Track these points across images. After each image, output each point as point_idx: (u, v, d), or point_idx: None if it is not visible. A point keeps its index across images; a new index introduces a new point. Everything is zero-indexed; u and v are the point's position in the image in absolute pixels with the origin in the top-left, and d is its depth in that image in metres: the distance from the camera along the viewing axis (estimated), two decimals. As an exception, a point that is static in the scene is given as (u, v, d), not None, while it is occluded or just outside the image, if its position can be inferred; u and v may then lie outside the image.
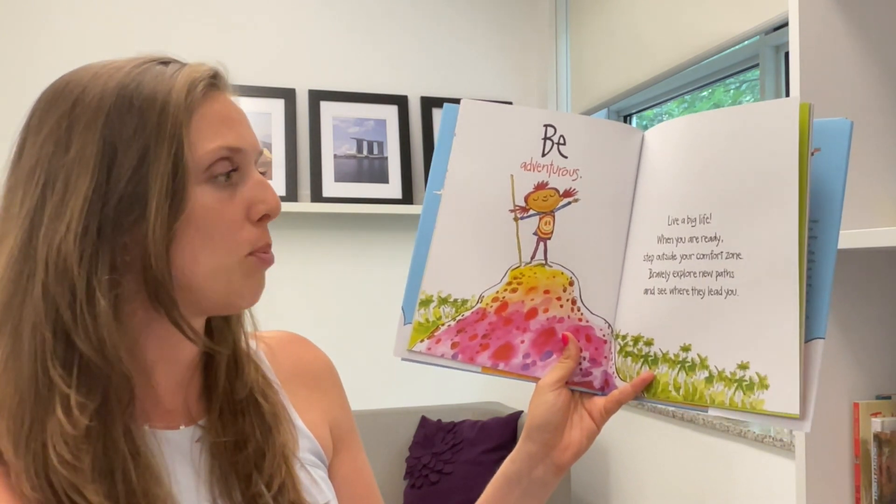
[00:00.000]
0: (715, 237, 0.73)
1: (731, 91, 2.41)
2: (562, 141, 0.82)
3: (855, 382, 1.20)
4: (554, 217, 0.81)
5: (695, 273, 0.74)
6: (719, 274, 0.73)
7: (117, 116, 0.62)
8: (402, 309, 0.80)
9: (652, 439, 2.44)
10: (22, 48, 2.56)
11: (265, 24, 2.78)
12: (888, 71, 1.21)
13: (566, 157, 0.81)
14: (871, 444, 1.15)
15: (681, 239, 0.76)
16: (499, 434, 2.54)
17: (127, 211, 0.62)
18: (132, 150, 0.62)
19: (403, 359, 0.80)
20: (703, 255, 0.74)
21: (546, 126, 0.82)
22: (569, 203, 0.81)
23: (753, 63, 2.14)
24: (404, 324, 0.80)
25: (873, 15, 1.21)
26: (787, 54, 2.02)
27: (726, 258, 0.72)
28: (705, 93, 2.48)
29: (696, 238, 0.75)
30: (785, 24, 1.88)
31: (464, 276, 0.81)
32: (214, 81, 0.68)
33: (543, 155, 0.82)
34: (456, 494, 2.46)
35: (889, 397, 1.19)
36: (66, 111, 0.63)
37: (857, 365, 1.20)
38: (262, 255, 0.68)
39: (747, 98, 2.32)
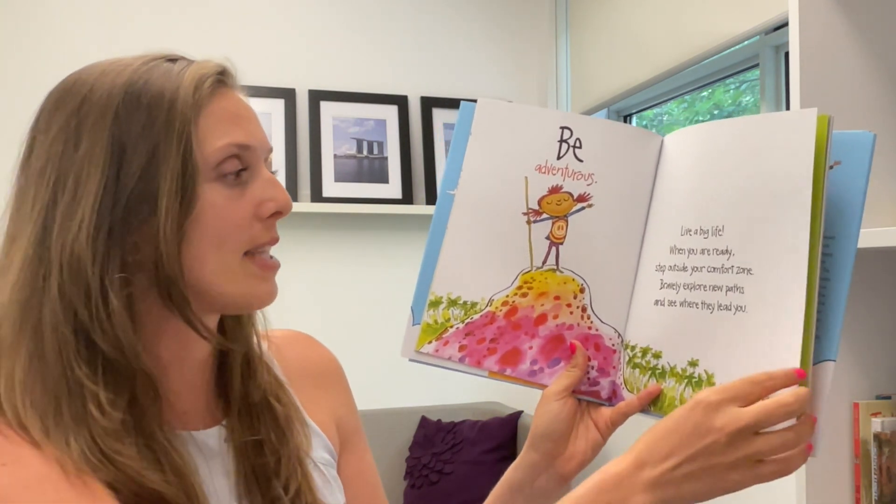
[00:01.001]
0: (726, 251, 0.70)
1: (731, 91, 2.41)
2: (578, 144, 0.80)
3: (855, 382, 1.20)
4: (567, 222, 0.79)
5: (705, 286, 0.71)
6: (729, 289, 0.70)
7: (125, 114, 0.62)
8: (412, 309, 0.79)
9: (651, 438, 2.43)
10: (23, 47, 2.56)
11: (265, 24, 2.78)
12: (888, 71, 1.21)
13: (582, 161, 0.80)
14: (871, 445, 1.15)
15: (693, 250, 0.73)
16: (499, 434, 2.54)
17: (137, 209, 0.62)
18: (141, 148, 0.62)
19: (410, 359, 0.80)
20: (714, 269, 0.71)
21: (563, 128, 0.80)
22: (582, 208, 0.79)
23: (753, 63, 2.14)
24: (413, 324, 0.79)
25: (873, 15, 1.20)
26: (787, 54, 2.02)
27: (737, 273, 0.69)
28: (705, 93, 2.48)
29: (708, 251, 0.72)
30: (785, 24, 1.88)
31: (474, 278, 0.79)
32: (222, 78, 0.68)
33: (559, 158, 0.80)
34: (456, 494, 2.46)
35: (889, 397, 1.19)
36: (75, 109, 0.63)
37: (857, 365, 1.20)
38: (261, 259, 0.68)
39: (747, 98, 2.32)
